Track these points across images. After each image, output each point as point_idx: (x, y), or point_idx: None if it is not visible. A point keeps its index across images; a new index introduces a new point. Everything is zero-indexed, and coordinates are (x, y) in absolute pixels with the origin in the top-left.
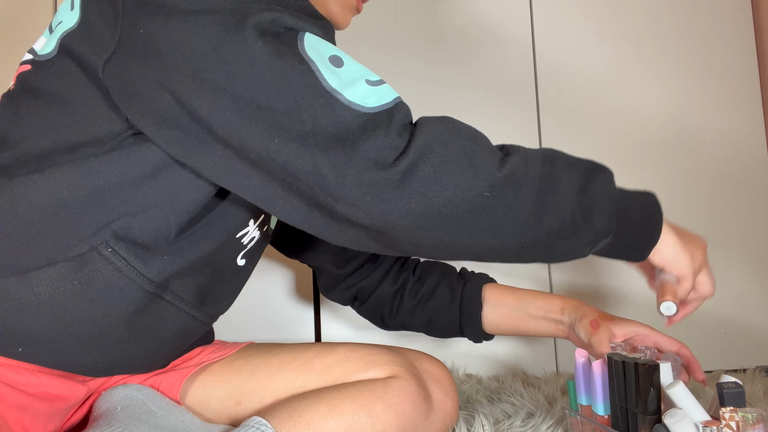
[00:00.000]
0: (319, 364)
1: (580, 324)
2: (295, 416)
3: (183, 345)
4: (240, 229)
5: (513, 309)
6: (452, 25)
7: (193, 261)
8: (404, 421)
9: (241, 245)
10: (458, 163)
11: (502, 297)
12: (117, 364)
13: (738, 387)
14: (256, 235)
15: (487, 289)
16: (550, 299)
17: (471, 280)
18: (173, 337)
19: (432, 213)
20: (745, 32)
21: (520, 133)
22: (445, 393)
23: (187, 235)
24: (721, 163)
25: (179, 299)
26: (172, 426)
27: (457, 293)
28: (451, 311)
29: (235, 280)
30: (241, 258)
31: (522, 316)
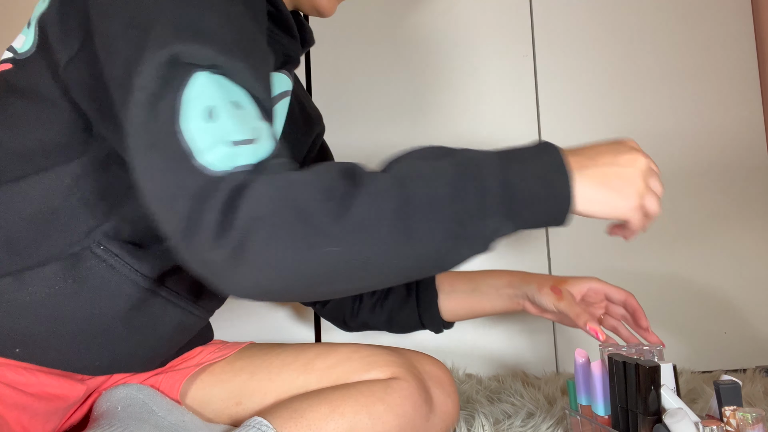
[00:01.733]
0: (321, 365)
1: (540, 294)
2: (296, 417)
3: (181, 341)
4: None
5: (467, 293)
6: (452, 25)
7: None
8: (405, 423)
9: None
10: (291, 227)
11: (455, 282)
12: (115, 362)
13: (734, 383)
14: None
15: (440, 278)
16: (498, 276)
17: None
18: (171, 334)
19: (284, 280)
20: (745, 32)
21: (520, 133)
22: (446, 394)
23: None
24: (721, 163)
25: (175, 295)
26: (172, 425)
27: (412, 286)
28: (409, 305)
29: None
30: None
31: (476, 298)
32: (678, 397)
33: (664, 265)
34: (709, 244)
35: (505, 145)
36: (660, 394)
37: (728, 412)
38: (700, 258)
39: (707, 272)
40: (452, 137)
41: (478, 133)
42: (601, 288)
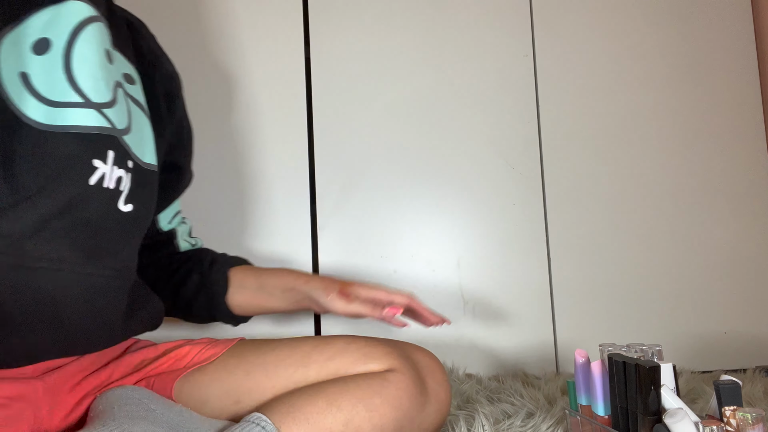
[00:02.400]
0: (318, 358)
1: (326, 300)
2: (294, 411)
3: (115, 306)
4: (87, 174)
5: (254, 290)
6: (452, 25)
7: (42, 221)
8: (402, 415)
9: (107, 191)
10: None
11: (245, 279)
12: (36, 348)
13: (734, 383)
14: (120, 174)
15: (233, 272)
16: (283, 277)
17: (218, 263)
18: (82, 302)
19: None
20: (745, 32)
21: (520, 133)
22: (438, 383)
23: (18, 189)
24: (721, 163)
25: (54, 261)
26: (171, 421)
27: (204, 278)
28: (201, 297)
29: (128, 227)
30: (125, 203)
31: (263, 296)
32: (678, 397)
33: (663, 265)
34: (709, 244)
35: (504, 145)
36: (660, 394)
37: (728, 412)
38: (700, 258)
39: (707, 272)
40: (452, 137)
41: (479, 133)
42: (386, 294)
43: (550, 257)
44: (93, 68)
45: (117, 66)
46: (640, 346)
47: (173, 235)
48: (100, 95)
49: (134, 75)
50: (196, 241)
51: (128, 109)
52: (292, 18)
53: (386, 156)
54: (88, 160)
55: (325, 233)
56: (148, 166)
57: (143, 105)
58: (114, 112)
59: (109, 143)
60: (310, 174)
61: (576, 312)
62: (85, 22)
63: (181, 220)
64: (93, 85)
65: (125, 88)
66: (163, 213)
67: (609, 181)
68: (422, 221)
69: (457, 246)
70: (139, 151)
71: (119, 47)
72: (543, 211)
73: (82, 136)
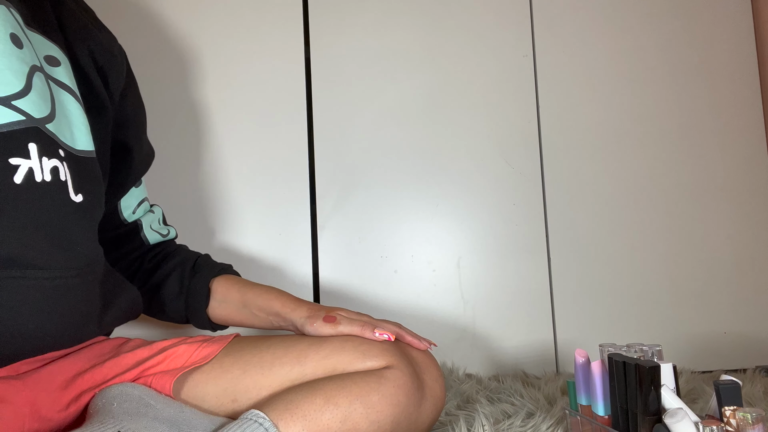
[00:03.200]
0: (314, 356)
1: (311, 327)
2: (292, 408)
3: (85, 305)
4: (8, 175)
5: (237, 306)
6: (452, 25)
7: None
8: (399, 411)
9: (46, 185)
10: None
11: (227, 293)
12: (2, 355)
13: (733, 383)
14: (53, 164)
15: (215, 283)
16: (270, 300)
17: (201, 271)
18: (46, 309)
19: None
20: (745, 32)
21: (520, 133)
22: (434, 379)
23: None
24: (721, 163)
25: (9, 268)
26: (171, 417)
27: (184, 286)
28: (179, 304)
29: (81, 218)
30: (75, 194)
31: (245, 315)
32: (678, 397)
33: (663, 265)
34: (709, 244)
35: (504, 145)
36: (660, 394)
37: (728, 412)
38: (700, 258)
39: (707, 272)
40: (452, 137)
41: (479, 133)
42: (374, 320)
43: (550, 257)
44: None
45: (34, 48)
46: (640, 346)
47: (138, 227)
48: (7, 86)
49: (60, 55)
50: (169, 230)
51: (51, 94)
52: (292, 18)
53: (386, 156)
54: (3, 160)
55: (325, 233)
56: (82, 152)
57: (71, 87)
58: (29, 100)
59: (28, 135)
60: (310, 174)
61: (576, 312)
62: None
63: (147, 208)
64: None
65: (47, 71)
66: (123, 200)
67: (609, 181)
68: (422, 221)
69: (457, 246)
70: (68, 138)
71: (39, 27)
72: (543, 211)
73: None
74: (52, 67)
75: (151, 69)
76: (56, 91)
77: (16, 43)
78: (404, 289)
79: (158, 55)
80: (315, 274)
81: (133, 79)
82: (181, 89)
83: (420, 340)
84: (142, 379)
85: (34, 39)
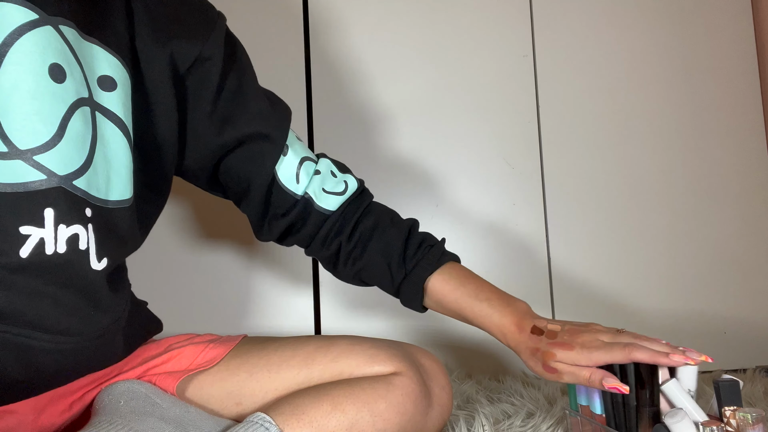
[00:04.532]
0: (321, 359)
1: (530, 364)
2: (298, 413)
3: (109, 355)
4: (15, 246)
5: (451, 313)
6: (452, 25)
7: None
8: (406, 420)
9: (58, 257)
10: None
11: (443, 299)
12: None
13: (734, 382)
14: (74, 232)
15: (430, 283)
16: (489, 323)
17: (414, 269)
18: (72, 368)
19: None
20: (745, 32)
21: (520, 133)
22: (441, 387)
23: None
24: (721, 162)
25: (30, 336)
26: (178, 417)
27: (396, 283)
28: (392, 291)
29: (109, 281)
30: (98, 261)
31: (462, 318)
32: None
33: (663, 265)
34: (709, 244)
35: (504, 145)
36: (658, 392)
37: (728, 412)
38: (700, 258)
39: (707, 272)
40: (452, 137)
41: (479, 133)
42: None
43: (550, 257)
44: (23, 101)
45: (85, 71)
46: None
47: (310, 201)
48: (33, 137)
49: (119, 74)
50: (346, 182)
51: (92, 134)
52: (292, 18)
53: (386, 156)
54: (14, 227)
55: None
56: (116, 203)
57: (122, 118)
58: (57, 153)
59: (46, 199)
60: None
61: (576, 312)
62: (16, 32)
63: (312, 169)
64: (22, 124)
65: (95, 100)
66: (280, 173)
67: (609, 181)
68: (422, 221)
69: (457, 246)
70: (101, 189)
71: (100, 34)
72: (543, 211)
73: (3, 197)
74: (103, 92)
75: None
76: (101, 126)
77: (57, 77)
78: None
79: None
80: (315, 274)
81: (232, 55)
82: None
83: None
84: (147, 378)
85: (90, 54)
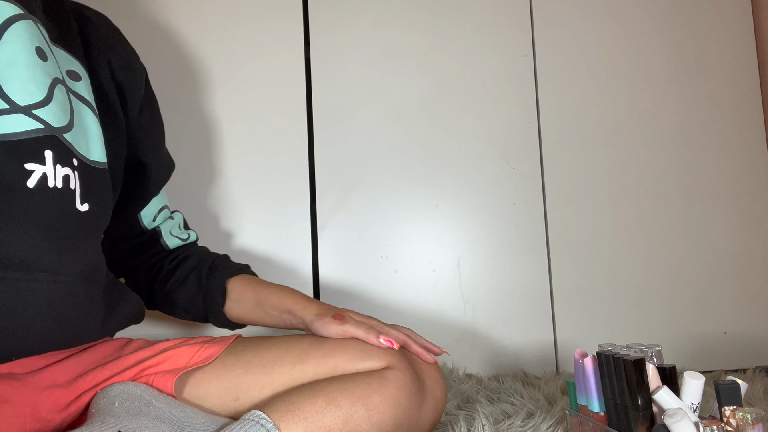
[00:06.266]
0: (315, 354)
1: (320, 324)
2: (294, 409)
3: (86, 311)
4: (22, 179)
5: (252, 306)
6: (452, 25)
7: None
8: (401, 413)
9: (56, 191)
10: None
11: (243, 292)
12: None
13: (733, 383)
14: (65, 172)
15: (231, 283)
16: (283, 298)
17: (217, 271)
18: (49, 314)
19: None
20: (745, 32)
21: (520, 133)
22: (434, 380)
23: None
24: (721, 163)
25: (17, 269)
26: (173, 417)
27: (201, 286)
28: (197, 303)
29: (87, 227)
30: (81, 203)
31: (259, 314)
32: (678, 398)
33: (663, 265)
34: (709, 244)
35: (504, 145)
36: (648, 388)
37: (728, 412)
38: (700, 258)
39: (707, 272)
40: (452, 137)
41: (479, 133)
42: (382, 325)
43: (550, 257)
44: (19, 70)
45: (57, 62)
46: (639, 346)
47: (158, 234)
48: (29, 96)
49: (80, 70)
50: (189, 234)
51: (70, 106)
52: (292, 18)
53: (386, 156)
54: (19, 165)
55: (325, 233)
56: (96, 164)
57: (89, 101)
58: (49, 110)
59: (45, 143)
60: (310, 174)
61: (576, 312)
62: (8, 21)
63: (167, 215)
64: (20, 87)
65: (68, 85)
66: (144, 211)
67: (609, 181)
68: (422, 221)
69: (457, 246)
70: (83, 148)
71: (62, 42)
72: (543, 211)
73: (8, 144)
74: (73, 81)
75: (150, 69)
76: (76, 103)
77: (41, 56)
78: (404, 289)
79: (157, 56)
80: (315, 274)
81: (151, 95)
82: (181, 90)
83: (428, 351)
84: (143, 378)
85: (58, 54)
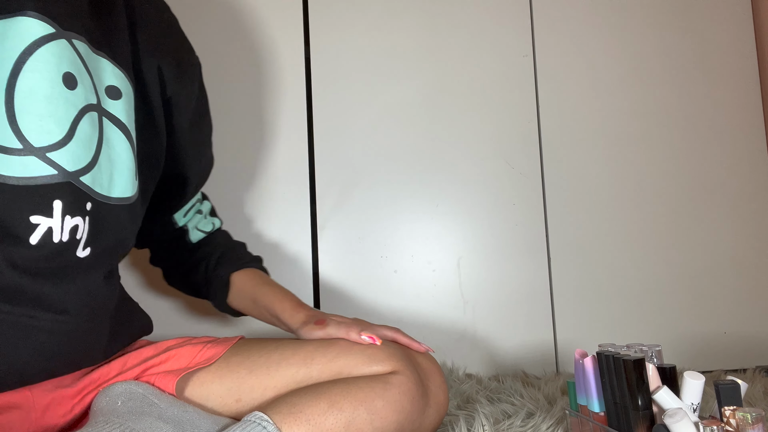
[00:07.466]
0: (320, 358)
1: (303, 331)
2: (296, 412)
3: (90, 344)
4: (25, 234)
5: (250, 303)
6: (452, 25)
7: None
8: (403, 418)
9: (60, 245)
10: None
11: (243, 289)
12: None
13: (733, 383)
14: (75, 223)
15: (235, 276)
16: (274, 302)
17: (224, 265)
18: (49, 349)
19: None
20: (745, 32)
21: (520, 133)
22: (437, 386)
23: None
24: (721, 163)
25: (17, 314)
26: (176, 416)
27: (209, 276)
28: (203, 291)
29: (92, 268)
30: (82, 249)
31: (258, 311)
32: (678, 398)
33: (663, 265)
34: (709, 245)
35: (504, 145)
36: (648, 388)
37: (728, 412)
38: (700, 258)
39: (707, 272)
40: (452, 137)
41: (479, 133)
42: (361, 325)
43: (550, 257)
44: (39, 104)
45: (93, 82)
46: (639, 346)
47: (185, 231)
48: (46, 136)
49: (123, 84)
50: (213, 224)
51: (99, 136)
52: (292, 18)
53: (386, 156)
54: (24, 217)
55: (325, 233)
56: (116, 200)
57: (126, 124)
58: (66, 151)
59: (56, 191)
60: (310, 174)
61: (576, 312)
62: (33, 45)
63: (196, 210)
64: (37, 125)
65: (102, 107)
66: (178, 213)
67: (609, 181)
68: (422, 221)
69: (457, 246)
70: (104, 186)
71: (107, 48)
72: (543, 211)
73: (16, 189)
74: (110, 100)
75: None
76: (107, 130)
77: (69, 84)
78: (404, 289)
79: None
80: (315, 274)
81: (202, 94)
82: None
83: (419, 344)
84: (145, 378)
85: (99, 66)
